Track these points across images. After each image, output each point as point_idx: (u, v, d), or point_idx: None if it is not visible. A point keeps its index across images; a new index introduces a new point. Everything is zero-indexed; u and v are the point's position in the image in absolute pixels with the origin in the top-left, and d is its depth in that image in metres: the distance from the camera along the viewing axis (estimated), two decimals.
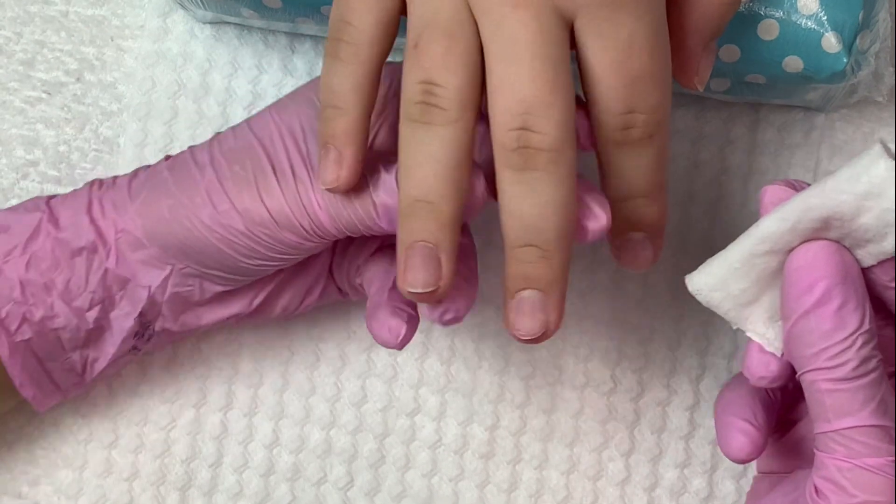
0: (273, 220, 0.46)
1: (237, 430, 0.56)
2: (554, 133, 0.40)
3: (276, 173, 0.46)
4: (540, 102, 0.40)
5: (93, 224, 0.48)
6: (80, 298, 0.48)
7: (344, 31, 0.43)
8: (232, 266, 0.48)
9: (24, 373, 0.49)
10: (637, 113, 0.42)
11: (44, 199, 0.50)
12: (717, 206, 0.56)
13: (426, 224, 0.42)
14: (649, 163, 0.43)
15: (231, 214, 0.46)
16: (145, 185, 0.48)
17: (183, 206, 0.47)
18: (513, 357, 0.56)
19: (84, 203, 0.49)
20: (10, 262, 0.48)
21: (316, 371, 0.56)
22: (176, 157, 0.49)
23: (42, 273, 0.48)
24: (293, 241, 0.46)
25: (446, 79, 0.41)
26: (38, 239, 0.48)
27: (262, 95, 0.57)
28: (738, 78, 0.51)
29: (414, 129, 0.42)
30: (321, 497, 0.55)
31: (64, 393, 0.51)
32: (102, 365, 0.51)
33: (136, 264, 0.48)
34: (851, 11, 0.48)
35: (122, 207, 0.48)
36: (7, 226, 0.49)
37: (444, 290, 0.42)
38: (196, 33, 0.57)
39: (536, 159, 0.40)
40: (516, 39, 0.40)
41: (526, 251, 0.41)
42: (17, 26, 0.57)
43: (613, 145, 0.43)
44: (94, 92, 0.57)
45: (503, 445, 0.56)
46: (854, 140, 0.56)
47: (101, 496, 0.55)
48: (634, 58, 0.41)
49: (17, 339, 0.48)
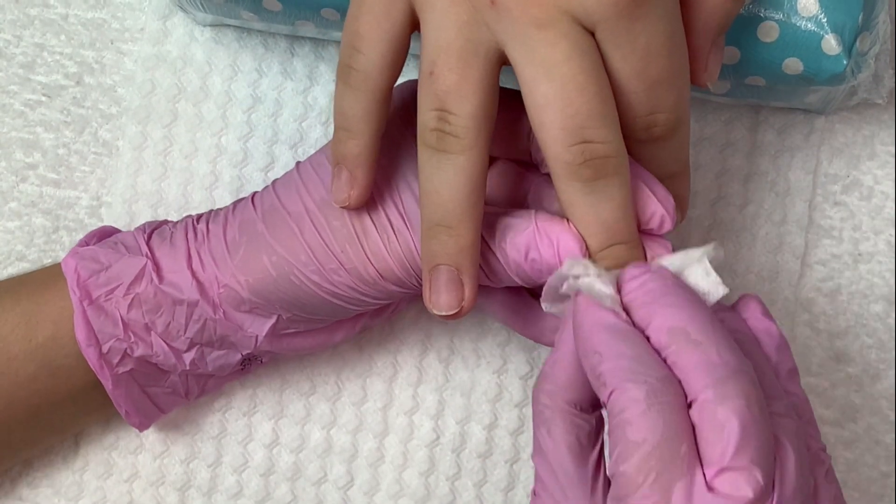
0: (380, 276, 0.47)
1: (236, 429, 0.56)
2: (613, 139, 0.42)
3: (376, 228, 0.47)
4: (593, 113, 0.41)
5: (195, 279, 0.49)
6: (179, 341, 0.49)
7: (354, 58, 0.44)
8: (338, 312, 0.49)
9: (128, 402, 0.50)
10: (659, 113, 0.43)
11: (143, 237, 0.50)
12: (717, 206, 0.56)
13: (446, 248, 0.44)
14: (672, 152, 0.45)
15: (339, 272, 0.47)
16: (241, 238, 0.49)
17: (287, 263, 0.47)
18: (511, 356, 0.56)
19: (184, 255, 0.49)
20: (112, 301, 0.49)
21: (315, 370, 0.56)
22: (263, 202, 0.49)
23: (143, 314, 0.49)
24: (398, 291, 0.48)
25: (460, 106, 0.42)
26: (140, 283, 0.49)
27: (261, 99, 0.57)
28: (738, 80, 0.51)
29: (430, 156, 0.43)
30: (321, 496, 0.56)
31: (165, 413, 0.53)
32: (204, 388, 0.53)
33: (240, 316, 0.49)
34: (851, 13, 0.48)
35: (221, 262, 0.49)
36: (108, 265, 0.49)
37: (467, 311, 0.45)
38: (196, 36, 0.57)
39: (606, 168, 0.42)
40: (551, 59, 0.41)
41: (615, 249, 0.43)
42: (16, 29, 0.57)
43: (637, 143, 0.44)
44: (93, 95, 0.57)
45: (501, 444, 0.56)
46: (854, 142, 0.56)
47: (101, 497, 0.56)
48: (653, 64, 0.42)
49: (119, 372, 0.49)
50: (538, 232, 0.44)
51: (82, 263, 0.49)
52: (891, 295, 0.55)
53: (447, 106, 0.42)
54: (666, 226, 0.44)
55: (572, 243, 0.43)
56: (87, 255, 0.50)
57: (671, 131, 0.44)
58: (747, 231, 0.56)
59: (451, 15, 0.42)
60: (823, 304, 0.56)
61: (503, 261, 0.45)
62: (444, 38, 0.42)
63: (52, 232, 0.57)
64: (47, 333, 0.49)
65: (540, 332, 0.49)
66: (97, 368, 0.49)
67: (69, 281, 0.49)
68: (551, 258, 0.44)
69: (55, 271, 0.50)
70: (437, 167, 0.43)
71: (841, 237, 0.56)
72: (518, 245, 0.44)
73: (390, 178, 0.47)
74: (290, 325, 0.50)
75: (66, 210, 0.57)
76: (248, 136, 0.57)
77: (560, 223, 0.44)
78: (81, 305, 0.49)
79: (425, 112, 0.43)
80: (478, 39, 0.42)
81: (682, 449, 0.38)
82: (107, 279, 0.49)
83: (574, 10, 0.41)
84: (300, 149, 0.57)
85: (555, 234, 0.44)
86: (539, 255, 0.44)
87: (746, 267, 0.56)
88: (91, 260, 0.49)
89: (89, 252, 0.50)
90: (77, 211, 0.57)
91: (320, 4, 0.51)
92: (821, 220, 0.56)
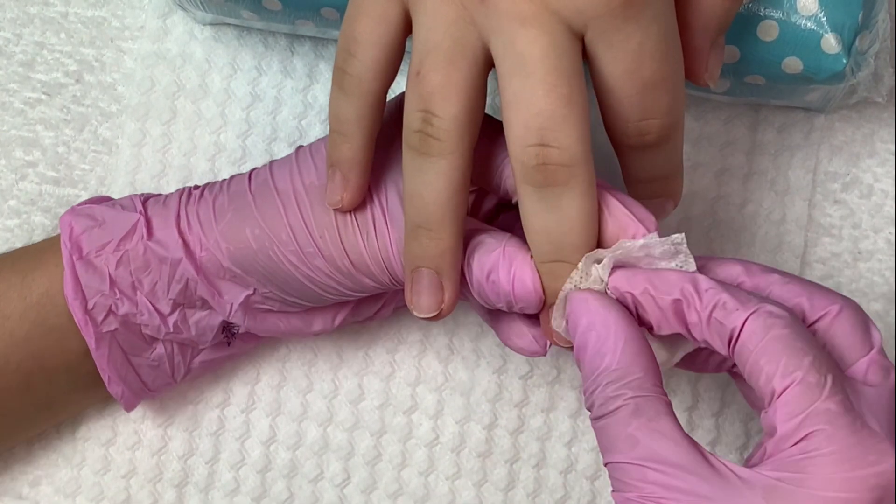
0: (353, 268, 0.47)
1: (234, 426, 0.56)
2: (573, 147, 0.41)
3: (357, 223, 0.47)
4: (556, 116, 0.41)
5: (181, 238, 0.49)
6: (163, 302, 0.50)
7: (348, 62, 0.44)
8: (313, 296, 0.49)
9: (110, 366, 0.50)
10: (652, 119, 0.43)
11: (140, 199, 0.51)
12: (717, 206, 0.56)
13: (427, 250, 0.44)
14: (666, 158, 0.44)
15: (316, 257, 0.47)
16: (230, 205, 0.49)
17: (268, 239, 0.48)
18: (511, 356, 0.56)
19: (174, 214, 0.49)
20: (102, 257, 0.49)
21: (313, 367, 0.56)
22: (258, 178, 0.49)
23: (131, 272, 0.49)
24: (372, 285, 0.48)
25: (443, 108, 0.42)
26: (131, 239, 0.49)
27: (261, 97, 0.57)
28: (738, 79, 0.51)
29: (413, 157, 0.43)
30: (317, 493, 0.56)
31: (152, 392, 0.53)
32: (190, 365, 0.52)
33: (219, 282, 0.49)
34: (851, 12, 0.48)
35: (207, 224, 0.49)
36: (103, 220, 0.50)
37: (448, 313, 0.45)
38: (195, 34, 0.57)
39: (557, 175, 0.41)
40: (528, 55, 0.41)
41: (557, 267, 0.43)
42: (16, 27, 0.58)
43: (630, 149, 0.44)
44: (93, 93, 0.57)
45: (501, 444, 0.56)
46: (854, 141, 0.56)
47: (99, 493, 0.56)
48: (645, 66, 0.42)
49: (103, 330, 0.50)
50: (503, 256, 0.44)
51: (77, 219, 0.50)
52: (890, 293, 0.55)
53: (431, 107, 0.42)
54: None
55: (527, 277, 0.43)
56: (83, 211, 0.50)
57: (665, 138, 0.43)
58: (747, 230, 0.56)
59: (440, 14, 0.42)
60: None
61: (468, 276, 0.45)
62: (432, 38, 0.42)
63: (51, 230, 0.57)
64: (41, 290, 0.50)
65: (507, 336, 0.48)
66: (82, 325, 0.49)
67: (62, 235, 0.50)
68: (507, 285, 0.44)
69: (55, 237, 0.51)
70: (419, 170, 0.43)
71: (841, 235, 0.56)
72: (483, 265, 0.44)
73: (379, 176, 0.47)
74: (265, 301, 0.50)
75: (65, 208, 0.57)
76: (246, 134, 0.57)
77: (525, 253, 0.44)
78: (71, 259, 0.49)
79: (410, 113, 0.43)
80: (465, 40, 0.42)
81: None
82: (99, 234, 0.49)
83: (565, 9, 0.41)
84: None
85: (516, 262, 0.43)
86: (498, 278, 0.44)
87: None
88: (86, 216, 0.50)
89: (86, 209, 0.50)
90: None
91: (320, 4, 0.51)
92: (820, 218, 0.56)
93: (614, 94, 0.42)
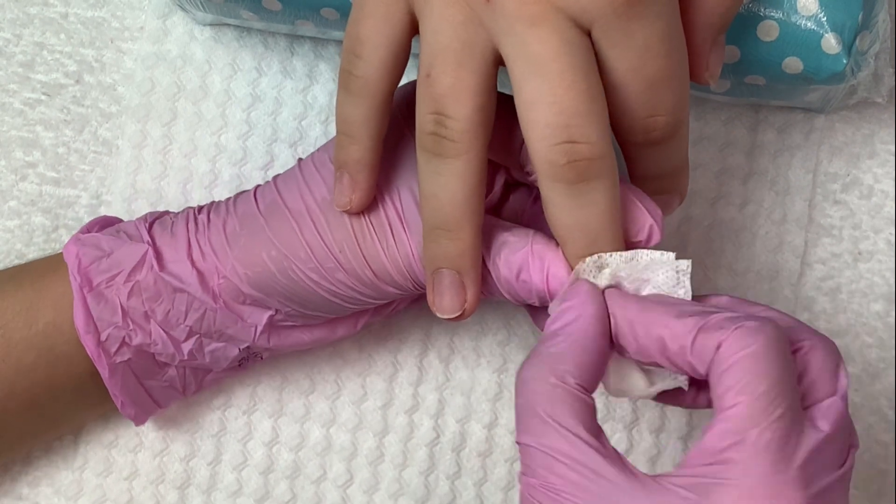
0: (376, 277, 0.47)
1: (235, 427, 0.56)
2: (599, 141, 0.41)
3: (375, 232, 0.47)
4: (580, 111, 0.41)
5: (195, 268, 0.49)
6: (178, 330, 0.49)
7: (354, 64, 0.44)
8: (336, 309, 0.49)
9: (124, 392, 0.50)
10: (658, 116, 0.43)
11: (144, 226, 0.50)
12: (717, 205, 0.56)
13: (447, 251, 0.44)
14: (672, 154, 0.45)
15: (337, 272, 0.47)
16: (242, 229, 0.49)
17: (286, 259, 0.48)
18: (511, 355, 0.56)
19: (184, 245, 0.49)
20: (113, 288, 0.49)
21: (315, 368, 0.56)
22: (265, 198, 0.49)
23: (143, 302, 0.49)
24: (395, 293, 0.48)
25: (456, 109, 0.42)
26: (141, 270, 0.49)
27: (261, 97, 0.57)
28: (738, 79, 0.51)
29: (428, 160, 0.43)
30: (320, 494, 0.56)
31: (163, 407, 0.53)
32: (202, 383, 0.52)
33: (240, 307, 0.49)
34: (851, 12, 0.48)
35: (221, 252, 0.49)
36: (110, 251, 0.49)
37: (471, 312, 0.45)
38: (195, 35, 0.57)
39: (589, 170, 0.41)
40: (541, 55, 0.41)
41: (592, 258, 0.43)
42: (16, 28, 0.57)
43: (636, 146, 0.44)
44: (93, 94, 0.57)
45: (501, 443, 0.56)
46: (854, 141, 0.56)
47: (101, 496, 0.56)
48: (651, 63, 0.42)
49: (116, 361, 0.49)
50: (532, 254, 0.44)
51: (84, 250, 0.49)
52: (891, 294, 0.55)
53: (443, 109, 0.42)
54: (654, 238, 0.44)
55: (562, 272, 0.43)
56: (88, 241, 0.50)
57: (670, 134, 0.44)
58: (747, 230, 0.56)
59: (447, 16, 0.42)
60: (823, 303, 0.56)
61: (495, 276, 0.45)
62: (440, 41, 0.42)
63: (51, 231, 0.57)
64: (47, 319, 0.49)
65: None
66: (95, 356, 0.49)
67: (70, 267, 0.49)
68: (540, 283, 0.44)
69: (57, 259, 0.50)
70: (434, 172, 0.43)
71: (841, 236, 0.56)
72: (511, 264, 0.44)
73: (391, 180, 0.47)
74: (287, 319, 0.50)
75: (65, 209, 0.57)
76: (247, 135, 0.57)
77: (555, 250, 0.44)
78: (81, 292, 0.49)
79: (423, 115, 0.43)
80: (473, 41, 0.42)
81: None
82: (108, 266, 0.49)
83: (570, 7, 0.41)
84: (300, 147, 0.57)
85: (548, 259, 0.44)
86: (530, 277, 0.44)
87: (746, 266, 0.56)
88: (93, 247, 0.50)
89: (91, 239, 0.50)
90: (77, 209, 0.57)
91: (320, 4, 0.51)
92: (821, 218, 0.56)
93: (620, 92, 0.42)
